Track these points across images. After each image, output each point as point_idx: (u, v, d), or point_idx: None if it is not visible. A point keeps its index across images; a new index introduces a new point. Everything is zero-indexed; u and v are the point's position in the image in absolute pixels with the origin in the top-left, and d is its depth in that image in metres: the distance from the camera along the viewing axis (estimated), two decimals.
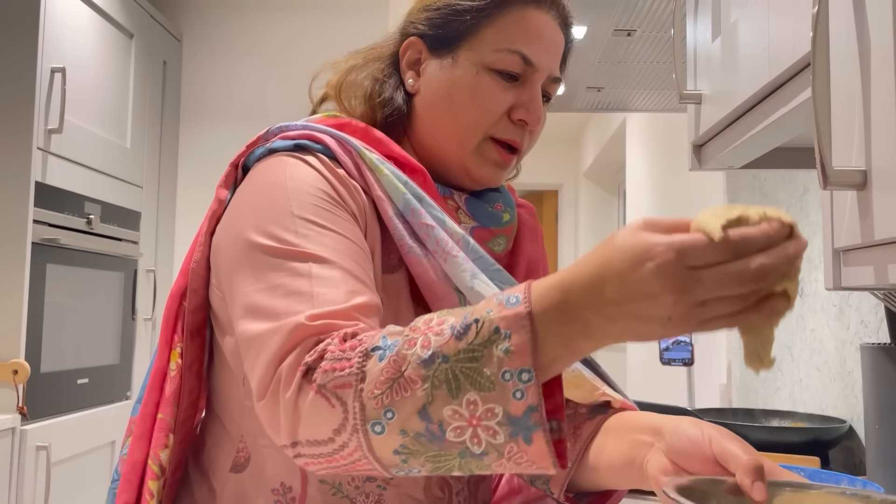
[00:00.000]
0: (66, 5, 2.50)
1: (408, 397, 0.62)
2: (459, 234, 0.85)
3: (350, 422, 0.64)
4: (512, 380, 0.60)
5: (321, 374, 0.65)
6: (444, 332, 0.63)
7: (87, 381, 2.63)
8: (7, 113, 2.29)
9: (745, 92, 0.96)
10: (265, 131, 0.91)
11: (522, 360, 0.59)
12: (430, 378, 0.62)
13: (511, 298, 0.62)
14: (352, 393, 0.64)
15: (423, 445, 0.63)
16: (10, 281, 2.24)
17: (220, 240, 0.85)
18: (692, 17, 1.23)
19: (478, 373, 0.60)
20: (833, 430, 1.36)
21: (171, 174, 3.35)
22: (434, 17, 0.91)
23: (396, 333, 0.66)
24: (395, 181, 0.84)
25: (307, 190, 0.80)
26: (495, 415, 0.60)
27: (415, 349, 0.63)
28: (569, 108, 2.25)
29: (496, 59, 0.88)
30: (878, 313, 1.38)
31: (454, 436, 0.62)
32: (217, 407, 0.92)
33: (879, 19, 0.63)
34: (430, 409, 0.62)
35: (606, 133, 4.88)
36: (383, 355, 0.64)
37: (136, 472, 0.86)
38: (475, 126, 0.89)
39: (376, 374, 0.63)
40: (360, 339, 0.66)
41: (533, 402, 0.60)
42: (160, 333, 0.90)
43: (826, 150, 0.63)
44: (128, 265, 2.94)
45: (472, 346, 0.61)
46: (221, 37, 3.44)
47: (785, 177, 1.82)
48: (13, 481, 2.19)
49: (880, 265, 0.65)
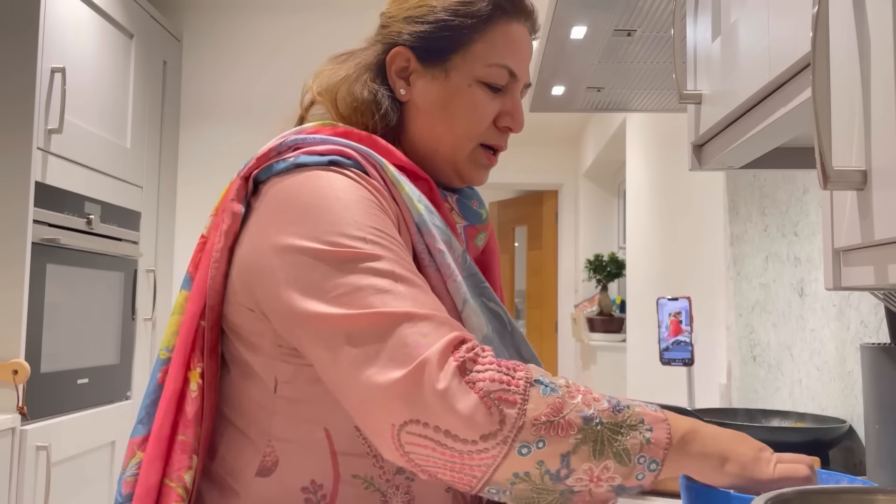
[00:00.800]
0: (66, 5, 2.50)
1: (561, 438, 0.71)
2: (459, 252, 0.92)
3: (503, 434, 0.70)
4: (644, 464, 0.73)
5: (488, 382, 0.71)
6: (601, 401, 0.74)
7: (87, 381, 2.63)
8: (7, 113, 2.29)
9: (745, 92, 0.96)
10: (277, 144, 0.91)
11: (657, 454, 0.74)
12: (585, 431, 0.72)
13: (650, 405, 0.76)
14: (515, 411, 0.71)
15: (542, 480, 0.72)
16: (10, 281, 2.24)
17: (261, 257, 0.83)
18: (692, 17, 1.23)
19: (621, 445, 0.73)
20: (833, 430, 1.36)
21: (170, 174, 3.35)
22: (425, 31, 0.95)
23: (549, 375, 0.75)
24: (412, 196, 0.89)
25: (358, 199, 0.83)
26: (613, 481, 0.73)
27: (576, 401, 0.73)
28: (569, 108, 2.25)
29: (487, 72, 0.95)
30: (878, 313, 1.38)
31: (571, 482, 0.72)
32: (232, 415, 0.91)
33: (879, 19, 0.63)
34: (572, 459, 0.71)
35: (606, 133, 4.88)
36: (546, 391, 0.73)
37: (151, 496, 0.85)
38: (469, 135, 0.97)
39: (542, 405, 0.72)
40: (518, 365, 0.74)
41: (645, 484, 0.74)
42: (175, 353, 0.88)
43: (826, 150, 0.63)
44: (128, 265, 2.94)
45: (623, 423, 0.73)
46: (221, 37, 3.44)
47: (785, 177, 1.82)
48: (13, 481, 2.19)
49: (880, 265, 0.65)
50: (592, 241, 5.97)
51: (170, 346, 0.91)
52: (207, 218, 0.95)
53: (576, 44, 1.71)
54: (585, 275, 5.35)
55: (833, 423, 1.44)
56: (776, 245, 1.86)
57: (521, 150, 6.24)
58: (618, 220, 5.82)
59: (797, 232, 1.74)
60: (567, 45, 1.72)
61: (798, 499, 0.71)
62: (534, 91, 2.09)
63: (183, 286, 0.93)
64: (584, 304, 5.49)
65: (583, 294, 5.86)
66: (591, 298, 5.37)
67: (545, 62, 1.85)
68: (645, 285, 3.66)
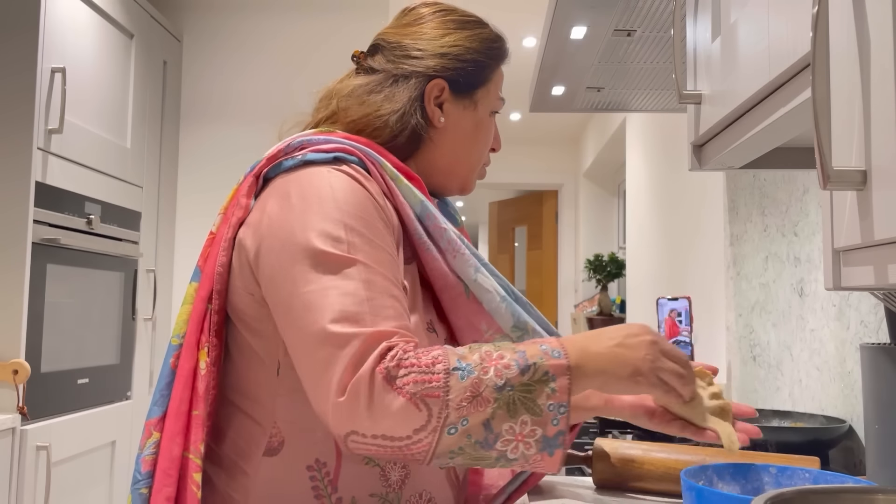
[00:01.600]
0: (66, 5, 2.51)
1: (481, 411, 0.82)
2: (459, 235, 1.02)
3: (432, 424, 0.81)
4: (553, 410, 0.83)
5: (412, 385, 0.81)
6: (511, 367, 0.84)
7: (87, 381, 2.64)
8: (7, 113, 2.29)
9: (745, 92, 0.96)
10: (286, 145, 1.01)
11: (562, 398, 0.84)
12: (499, 399, 0.82)
13: (553, 352, 0.86)
14: (439, 402, 0.81)
15: (475, 449, 0.83)
16: (10, 281, 2.24)
17: (262, 244, 0.93)
18: (692, 17, 1.23)
19: (532, 402, 0.83)
20: (833, 430, 1.36)
21: (171, 174, 3.35)
22: (463, 67, 1.09)
23: (465, 357, 0.84)
24: (411, 189, 1.00)
25: (353, 201, 0.92)
26: (535, 434, 0.83)
27: (489, 376, 0.83)
28: (569, 108, 2.25)
29: (496, 104, 1.14)
30: (877, 313, 1.38)
31: (501, 445, 0.83)
32: (236, 398, 0.99)
33: (879, 19, 0.63)
34: (493, 423, 0.82)
35: (606, 133, 4.88)
36: (464, 375, 0.82)
37: (176, 467, 0.93)
38: (482, 157, 1.15)
39: (460, 390, 0.82)
40: (437, 357, 0.83)
41: (563, 428, 0.84)
42: (187, 335, 0.97)
43: (826, 150, 0.63)
44: (128, 265, 2.94)
45: (530, 381, 0.84)
46: (221, 37, 3.44)
47: (785, 177, 1.82)
48: (13, 481, 2.19)
49: (880, 265, 0.65)
50: (592, 241, 5.97)
51: (180, 332, 0.99)
52: (216, 216, 1.03)
53: (576, 44, 1.71)
54: (585, 275, 5.35)
55: (833, 423, 1.44)
56: (776, 245, 1.86)
57: (521, 150, 6.25)
58: (618, 220, 5.82)
59: (797, 232, 1.74)
60: (567, 45, 1.72)
61: (798, 498, 0.71)
62: (534, 91, 2.09)
63: (193, 278, 1.01)
64: (584, 303, 5.49)
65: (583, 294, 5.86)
66: (591, 298, 5.37)
67: (545, 62, 1.85)
68: (645, 285, 3.66)
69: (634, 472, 1.20)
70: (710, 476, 0.95)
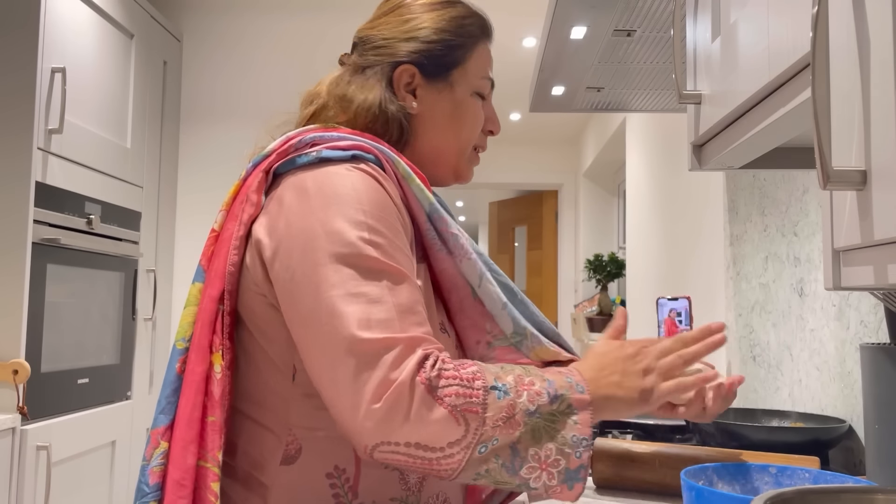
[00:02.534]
0: (66, 5, 2.51)
1: (510, 433, 0.82)
2: (468, 236, 1.02)
3: (467, 439, 0.80)
4: (576, 443, 0.84)
5: (454, 397, 0.80)
6: (542, 395, 0.84)
7: (87, 381, 2.63)
8: (7, 113, 2.29)
9: (745, 92, 0.96)
10: (296, 140, 0.97)
11: (584, 431, 0.85)
12: (527, 424, 0.83)
13: (578, 386, 0.87)
14: (477, 418, 0.81)
15: (500, 473, 0.82)
16: (11, 281, 2.24)
17: (280, 245, 0.89)
18: (692, 18, 1.23)
19: (556, 431, 0.84)
20: (833, 430, 1.36)
21: (171, 174, 3.35)
22: (430, 49, 1.06)
23: (501, 377, 0.84)
24: (422, 187, 0.98)
25: (375, 201, 0.89)
26: (559, 464, 0.83)
27: (522, 399, 0.83)
28: (569, 108, 2.25)
29: (479, 84, 1.09)
30: (877, 313, 1.38)
31: (526, 472, 0.83)
32: (246, 407, 0.94)
33: (879, 19, 0.63)
34: (519, 447, 0.82)
35: (606, 133, 4.89)
36: (501, 396, 0.82)
37: (190, 477, 0.88)
38: (469, 140, 1.10)
39: (497, 409, 0.82)
40: (475, 374, 0.83)
41: (584, 462, 0.84)
42: (196, 337, 0.92)
43: (826, 150, 0.63)
44: (128, 265, 2.94)
45: (556, 411, 0.84)
46: (221, 37, 3.44)
47: (785, 177, 1.82)
48: (13, 481, 2.19)
49: (880, 265, 0.65)
50: (592, 240, 5.97)
51: (186, 336, 0.93)
52: (217, 213, 0.99)
53: (576, 44, 1.71)
54: (585, 275, 5.35)
55: (833, 423, 1.44)
56: (776, 245, 1.86)
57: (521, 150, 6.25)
58: (618, 220, 5.82)
59: (797, 232, 1.74)
60: (567, 45, 1.72)
61: (798, 499, 0.71)
62: (534, 91, 2.09)
63: (195, 279, 0.96)
64: (583, 303, 5.49)
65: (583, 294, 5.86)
66: (591, 298, 5.37)
67: (545, 62, 1.85)
68: (645, 285, 3.66)
69: (634, 473, 1.20)
70: (710, 476, 0.95)
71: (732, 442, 1.39)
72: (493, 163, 6.11)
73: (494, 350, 1.02)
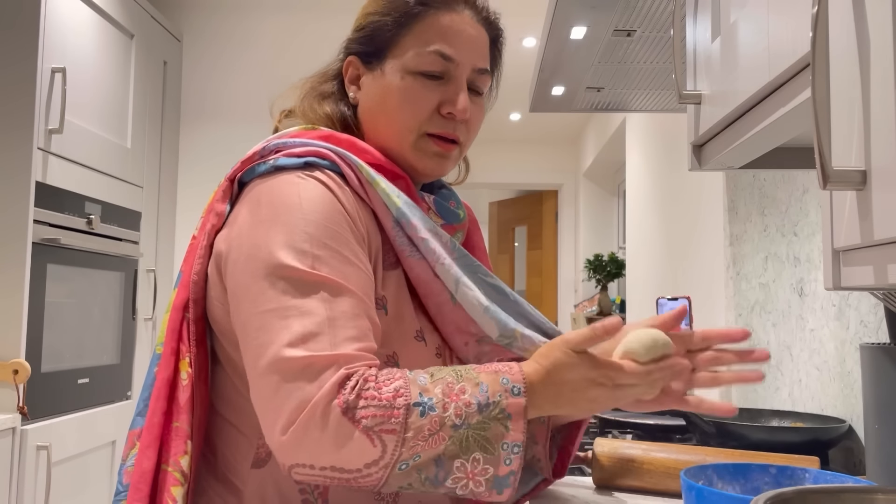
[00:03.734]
0: (66, 5, 2.51)
1: (433, 448, 0.78)
2: (447, 238, 0.96)
3: (385, 460, 0.77)
4: (507, 450, 0.80)
5: (370, 419, 0.77)
6: (471, 405, 0.80)
7: (87, 381, 2.64)
8: (7, 113, 2.29)
9: (745, 92, 0.96)
10: (261, 148, 0.96)
11: (516, 437, 0.80)
12: (454, 437, 0.79)
13: (514, 389, 0.82)
14: (395, 439, 0.77)
15: (423, 486, 0.80)
16: (11, 281, 2.24)
17: (229, 255, 0.89)
18: (692, 17, 1.23)
19: (485, 440, 0.80)
20: (833, 429, 1.36)
21: (171, 174, 3.35)
22: (362, 36, 1.02)
23: (427, 390, 0.80)
24: (389, 192, 0.93)
25: (322, 211, 0.87)
26: (486, 472, 0.80)
27: (448, 414, 0.79)
28: (569, 108, 2.25)
29: (417, 62, 0.98)
30: (877, 313, 1.38)
31: (451, 483, 0.80)
32: (223, 410, 0.95)
33: (879, 19, 0.63)
34: (444, 459, 0.79)
35: (606, 133, 4.88)
36: (424, 412, 0.79)
37: (146, 481, 0.88)
38: (408, 125, 0.98)
39: (418, 428, 0.78)
40: (399, 390, 0.79)
41: (515, 468, 0.80)
42: (164, 344, 0.93)
43: (826, 150, 0.63)
44: (128, 265, 2.94)
45: (486, 419, 0.80)
46: (221, 37, 3.44)
47: (785, 177, 1.82)
48: (13, 481, 2.19)
49: (880, 265, 0.65)
50: (592, 241, 5.97)
51: (163, 341, 0.94)
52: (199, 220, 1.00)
53: (576, 44, 1.71)
54: (585, 275, 5.35)
55: (832, 423, 1.44)
56: (776, 245, 1.86)
57: (521, 150, 6.25)
58: (618, 220, 5.82)
59: (797, 232, 1.74)
60: (567, 45, 1.72)
61: (798, 499, 0.71)
62: (534, 91, 2.09)
63: (175, 284, 0.97)
64: (583, 303, 5.49)
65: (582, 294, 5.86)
66: (591, 298, 5.37)
67: (545, 62, 1.85)
68: (645, 285, 3.66)
69: (634, 472, 1.20)
70: (710, 476, 0.95)
71: (732, 442, 1.39)
72: (493, 163, 6.11)
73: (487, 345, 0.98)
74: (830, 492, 0.73)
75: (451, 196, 1.10)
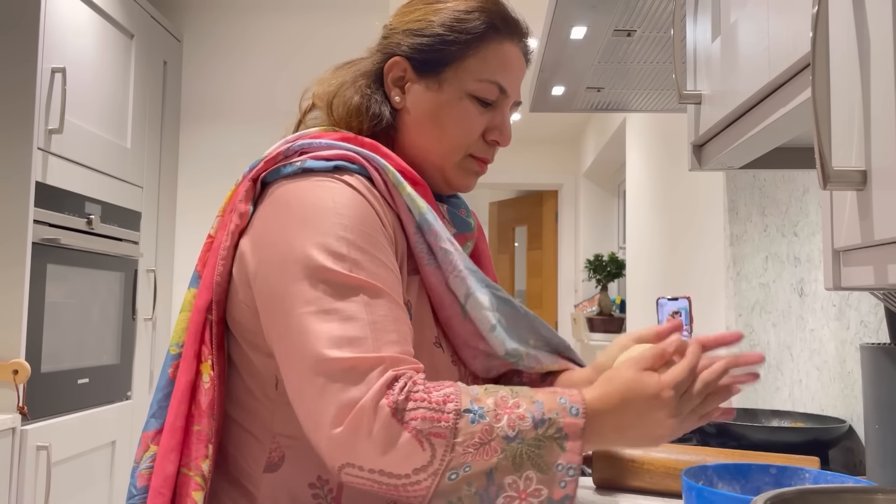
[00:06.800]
0: (66, 5, 2.51)
1: (485, 460, 0.77)
2: (461, 253, 0.96)
3: (434, 466, 0.76)
4: (562, 471, 0.78)
5: (420, 421, 0.76)
6: (525, 419, 0.78)
7: (87, 381, 2.63)
8: (7, 113, 2.29)
9: (745, 92, 0.96)
10: (285, 148, 0.95)
11: (572, 459, 0.78)
12: (507, 451, 0.77)
13: (573, 409, 0.80)
14: (444, 443, 0.76)
15: (473, 501, 0.78)
16: (11, 281, 2.24)
17: (259, 258, 0.88)
18: (692, 17, 1.23)
19: (540, 458, 0.78)
20: (833, 430, 1.36)
21: (171, 174, 3.35)
22: (423, 43, 1.00)
23: (479, 399, 0.79)
24: (413, 197, 0.94)
25: (356, 216, 0.86)
26: (540, 494, 0.78)
27: (501, 425, 0.78)
28: (569, 108, 2.25)
29: (478, 87, 1.00)
30: (878, 313, 1.38)
31: (502, 501, 0.78)
32: (235, 414, 0.95)
33: (879, 19, 0.63)
34: (496, 473, 0.77)
35: (606, 133, 4.88)
36: (474, 419, 0.78)
37: (168, 486, 0.88)
38: (458, 145, 1.01)
39: (469, 434, 0.77)
40: (449, 395, 0.78)
41: (570, 492, 0.78)
42: (185, 346, 0.92)
43: (826, 150, 0.63)
44: (128, 265, 2.94)
45: (542, 436, 0.78)
46: (221, 37, 3.44)
47: (785, 177, 1.82)
48: (13, 481, 2.19)
49: (880, 265, 0.65)
50: (592, 241, 5.97)
51: (180, 342, 0.94)
52: (214, 218, 0.98)
53: (576, 44, 1.71)
54: (585, 275, 5.35)
55: (833, 423, 1.44)
56: (776, 245, 1.86)
57: (521, 150, 6.24)
58: (618, 220, 5.81)
59: (797, 232, 1.74)
60: (567, 45, 1.72)
61: (798, 498, 0.71)
62: (534, 91, 2.09)
63: (191, 284, 0.96)
64: (583, 304, 5.49)
65: (583, 294, 5.86)
66: (591, 298, 5.37)
67: (545, 62, 1.85)
68: (645, 285, 3.66)
69: (634, 472, 1.20)
70: (710, 476, 0.95)
71: (732, 442, 1.39)
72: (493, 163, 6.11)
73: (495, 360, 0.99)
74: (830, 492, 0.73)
75: (461, 204, 1.10)
